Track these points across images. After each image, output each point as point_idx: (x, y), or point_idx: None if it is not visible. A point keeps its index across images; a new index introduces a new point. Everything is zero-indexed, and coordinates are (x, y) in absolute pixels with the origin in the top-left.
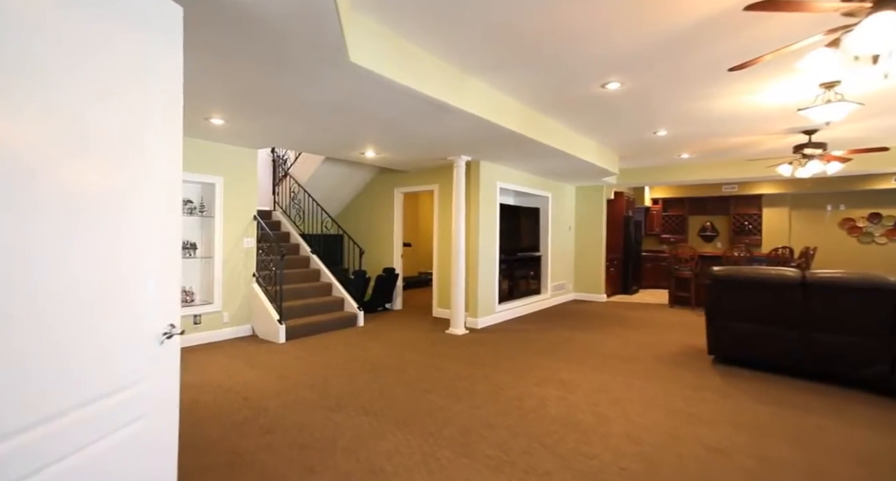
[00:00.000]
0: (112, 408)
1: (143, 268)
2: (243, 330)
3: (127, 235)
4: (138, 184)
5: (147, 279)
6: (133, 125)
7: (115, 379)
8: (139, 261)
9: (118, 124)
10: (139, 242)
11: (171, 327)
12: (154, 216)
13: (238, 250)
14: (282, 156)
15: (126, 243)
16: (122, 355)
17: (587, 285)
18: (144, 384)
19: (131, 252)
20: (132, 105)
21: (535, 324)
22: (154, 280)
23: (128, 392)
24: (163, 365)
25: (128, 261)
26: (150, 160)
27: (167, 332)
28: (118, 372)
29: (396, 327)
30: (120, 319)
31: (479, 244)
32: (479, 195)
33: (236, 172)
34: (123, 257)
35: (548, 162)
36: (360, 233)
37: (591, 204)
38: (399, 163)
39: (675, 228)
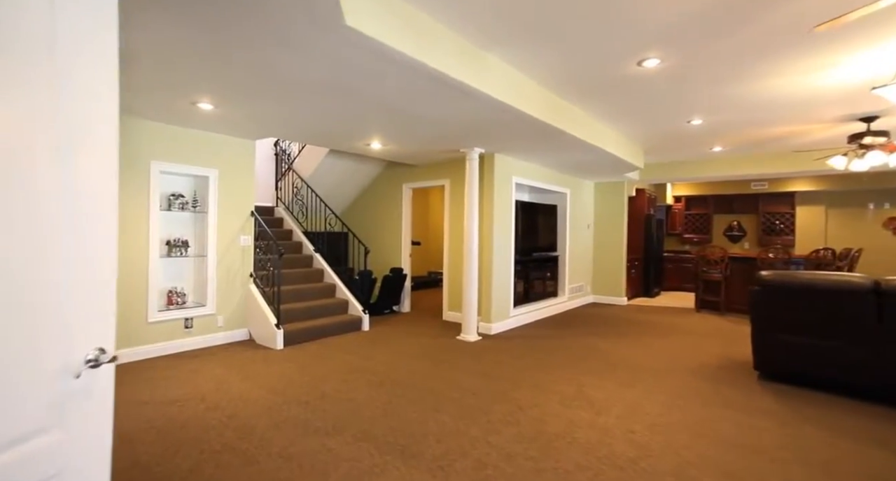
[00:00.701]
0: None
1: (52, 276)
2: (239, 334)
3: (21, 234)
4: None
5: (58, 290)
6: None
7: None
8: (44, 267)
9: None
10: (45, 243)
11: (98, 353)
12: (73, 207)
13: (234, 248)
14: (285, 149)
15: (20, 243)
16: (10, 394)
17: (606, 287)
18: (53, 434)
19: (29, 253)
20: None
21: (552, 329)
22: (72, 290)
23: (21, 447)
24: (83, 406)
25: (19, 266)
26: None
27: (93, 359)
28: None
29: (404, 332)
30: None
31: (494, 243)
32: (493, 191)
33: (232, 165)
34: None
35: (569, 155)
36: (366, 230)
37: (612, 201)
38: (407, 156)
39: (698, 228)
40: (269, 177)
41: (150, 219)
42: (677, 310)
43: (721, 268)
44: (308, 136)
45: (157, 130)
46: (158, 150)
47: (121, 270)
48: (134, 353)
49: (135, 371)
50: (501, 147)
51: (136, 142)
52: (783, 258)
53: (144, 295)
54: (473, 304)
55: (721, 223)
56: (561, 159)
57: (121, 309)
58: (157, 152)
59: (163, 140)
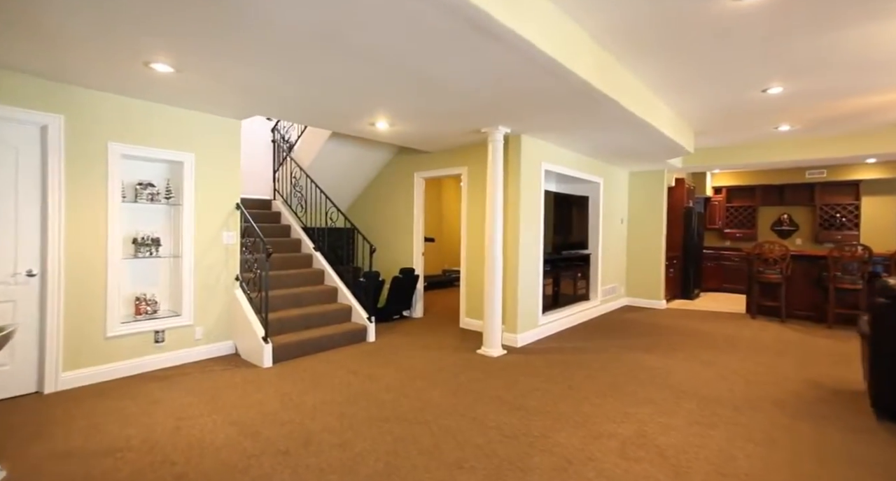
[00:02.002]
0: None
1: None
2: (223, 348)
3: None
4: None
5: None
6: None
7: None
8: None
9: None
10: None
11: None
12: None
13: (216, 247)
14: (284, 135)
15: None
16: None
17: (642, 289)
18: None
19: None
20: None
21: (587, 340)
22: None
23: None
24: None
25: None
26: None
27: None
28: None
29: (415, 344)
30: None
31: (521, 240)
32: (519, 179)
33: (213, 149)
34: None
35: (611, 135)
36: (374, 227)
37: (649, 192)
38: (419, 138)
39: (741, 222)
40: (267, 166)
41: (109, 213)
42: (727, 316)
43: (781, 268)
44: (301, 113)
45: (114, 105)
46: (118, 130)
47: (70, 273)
48: (83, 376)
49: (79, 400)
50: (530, 125)
51: (86, 119)
52: (860, 256)
53: (101, 303)
54: (497, 313)
55: (768, 216)
56: (600, 142)
57: (68, 321)
58: (117, 132)
59: (123, 117)
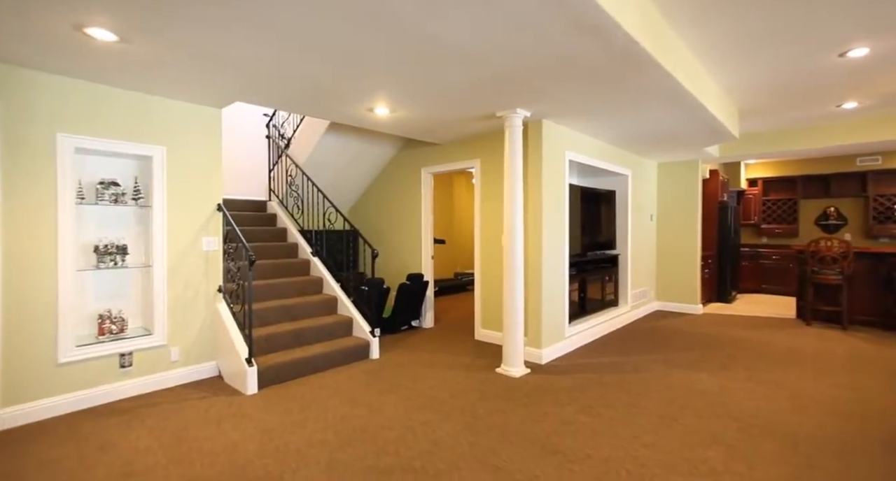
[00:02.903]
0: None
1: None
2: (205, 370)
3: None
4: None
5: None
6: None
7: None
8: None
9: None
10: None
11: None
12: None
13: (194, 254)
14: (280, 129)
15: None
16: None
17: (675, 292)
18: None
19: None
20: None
21: (622, 354)
22: None
23: None
24: None
25: None
26: None
27: None
28: None
29: (425, 361)
30: None
31: (543, 241)
32: (541, 170)
33: (188, 141)
34: None
35: (647, 117)
36: (378, 229)
37: (681, 185)
38: (425, 127)
39: (781, 216)
40: (262, 165)
41: (60, 216)
42: (777, 323)
43: (841, 268)
44: (286, 96)
45: (63, 89)
46: (69, 119)
47: (7, 288)
48: (26, 413)
49: (7, 446)
50: (554, 107)
51: (28, 106)
52: None
53: (51, 323)
54: (518, 325)
55: (811, 210)
56: (632, 126)
57: (6, 345)
58: (68, 121)
59: (75, 104)
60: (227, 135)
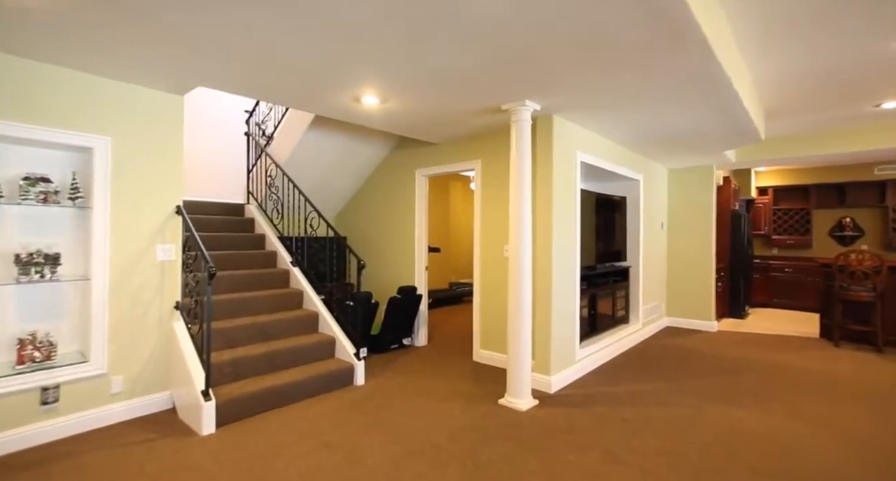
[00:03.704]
0: None
1: None
2: (156, 402)
3: None
4: None
5: None
6: None
7: None
8: None
9: None
10: None
11: None
12: None
13: (146, 265)
14: (261, 125)
15: None
16: None
17: (687, 307)
18: None
19: None
20: None
21: (641, 381)
22: None
23: None
24: None
25: None
26: None
27: None
28: None
29: (417, 388)
30: None
31: (553, 251)
32: (551, 172)
33: (140, 131)
34: None
35: (672, 111)
36: (368, 236)
37: (694, 192)
38: (419, 123)
39: (792, 227)
40: (240, 165)
41: None
42: (800, 343)
43: (874, 284)
44: (258, 82)
45: None
46: None
47: None
48: None
49: None
50: (568, 99)
51: None
52: None
53: None
54: (525, 349)
55: (825, 220)
56: (652, 122)
57: None
58: None
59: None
60: (203, 132)
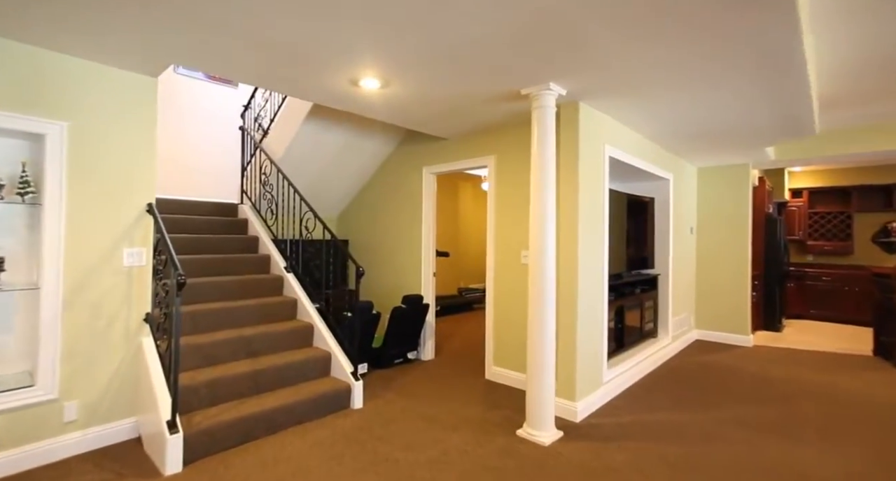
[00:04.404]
0: None
1: None
2: (119, 431)
3: None
4: None
5: None
6: None
7: None
8: None
9: None
10: None
11: None
12: None
13: (109, 272)
14: (259, 120)
15: None
16: None
17: (719, 319)
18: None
19: None
20: None
21: (677, 408)
22: None
23: None
24: None
25: None
26: None
27: None
28: None
29: (422, 413)
30: None
31: (580, 259)
32: (577, 169)
33: (104, 117)
34: None
35: (721, 96)
36: (372, 240)
37: (728, 193)
38: (427, 112)
39: (830, 232)
40: (234, 162)
41: None
42: (852, 361)
43: None
44: (241, 61)
45: None
46: None
47: None
48: None
49: None
50: (601, 80)
51: None
52: None
53: None
54: (548, 371)
55: (868, 225)
56: (693, 111)
57: None
58: None
59: None
60: (196, 127)
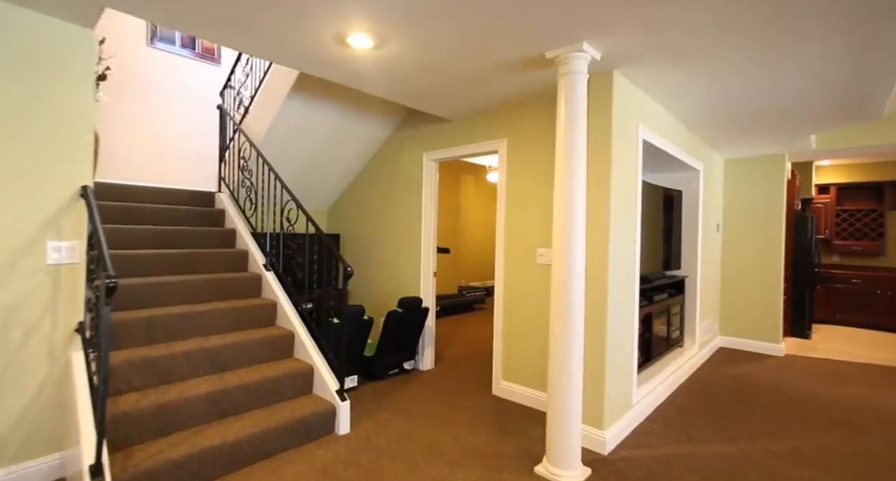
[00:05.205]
0: None
1: None
2: (41, 471)
3: None
4: None
5: None
6: None
7: None
8: None
9: None
10: None
11: None
12: None
13: (27, 271)
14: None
15: None
16: None
17: (747, 325)
18: None
19: None
20: None
21: (719, 436)
22: None
23: None
24: None
25: None
26: None
27: None
28: None
29: (421, 440)
30: None
31: (610, 261)
32: (610, 153)
33: (24, 75)
34: None
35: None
36: (366, 235)
37: (759, 187)
38: (428, 82)
39: (860, 231)
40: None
41: None
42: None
43: None
44: (190, 4)
45: None
46: None
47: None
48: None
49: None
50: (645, 40)
51: None
52: None
53: None
54: (574, 395)
55: None
56: (746, 87)
57: None
58: None
59: None
60: (172, 107)
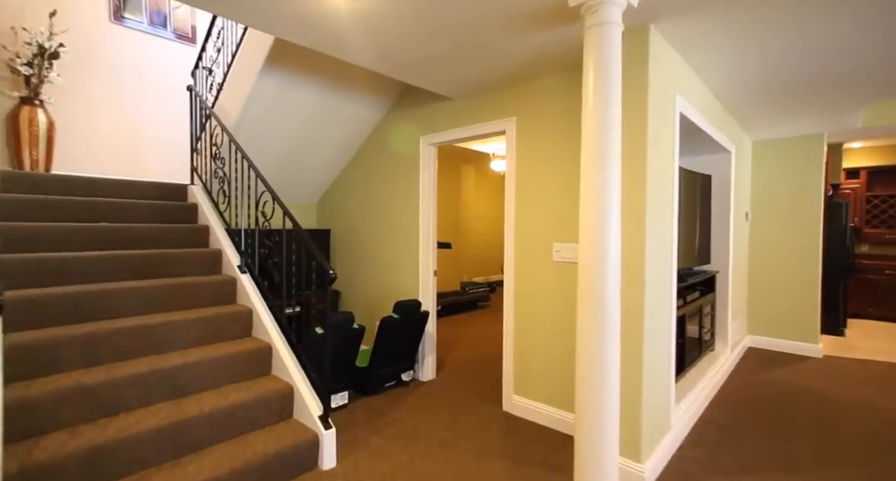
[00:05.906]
0: None
1: None
2: None
3: None
4: None
5: None
6: None
7: None
8: None
9: None
10: None
11: None
12: None
13: None
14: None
15: None
16: None
17: (778, 323)
18: None
19: None
20: None
21: (777, 466)
22: None
23: None
24: None
25: None
26: None
27: None
28: None
29: (422, 476)
30: None
31: (647, 257)
32: (646, 127)
33: None
34: None
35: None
36: (357, 231)
37: (793, 172)
38: (423, 45)
39: (893, 218)
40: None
41: None
42: None
43: None
44: None
45: None
46: None
47: None
48: None
49: None
50: None
51: None
52: None
53: None
54: (610, 427)
55: None
56: (800, 50)
57: None
58: None
59: None
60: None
